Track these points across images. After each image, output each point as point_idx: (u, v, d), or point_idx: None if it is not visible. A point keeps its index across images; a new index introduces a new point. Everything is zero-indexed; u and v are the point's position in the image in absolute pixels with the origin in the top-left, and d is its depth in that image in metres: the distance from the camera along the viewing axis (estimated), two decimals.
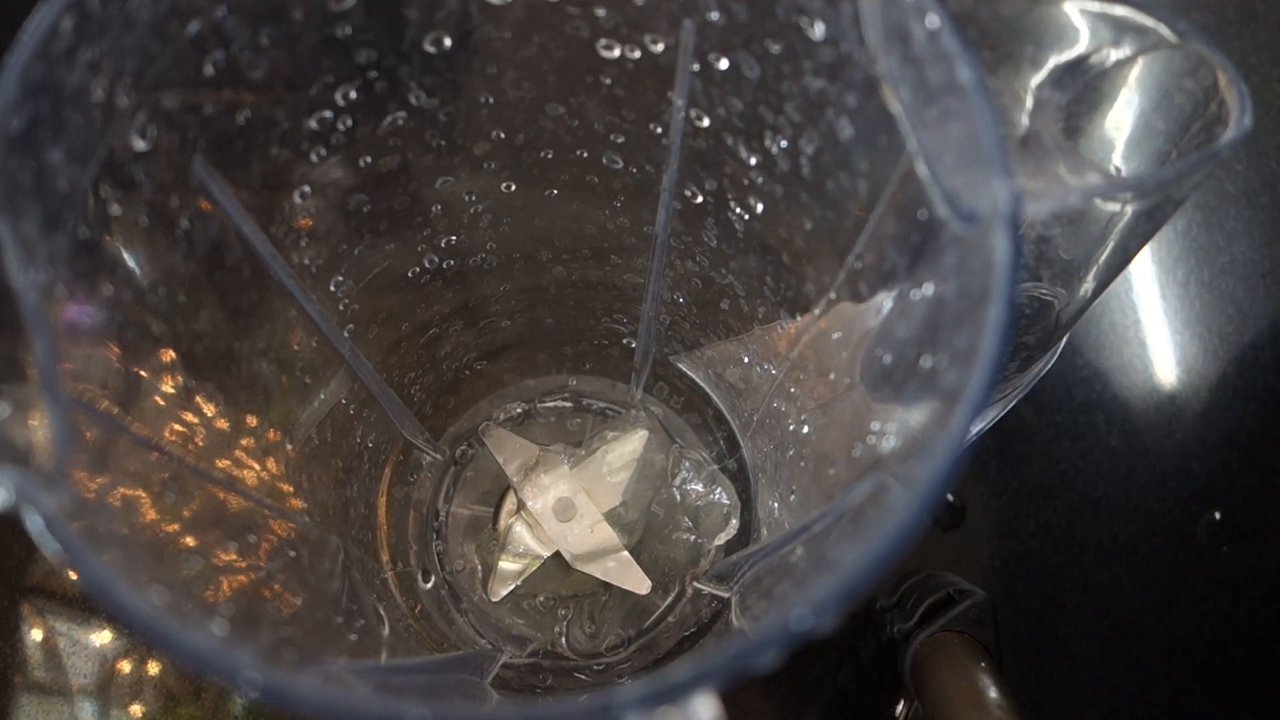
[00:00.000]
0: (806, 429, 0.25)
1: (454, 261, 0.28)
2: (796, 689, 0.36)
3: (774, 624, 0.12)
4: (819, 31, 0.16)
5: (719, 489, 0.33)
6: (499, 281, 0.30)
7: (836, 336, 0.22)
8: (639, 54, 0.20)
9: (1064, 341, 0.26)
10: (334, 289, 0.25)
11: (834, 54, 0.16)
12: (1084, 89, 0.19)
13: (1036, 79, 0.19)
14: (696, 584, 0.33)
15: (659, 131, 0.22)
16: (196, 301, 0.19)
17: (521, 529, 0.33)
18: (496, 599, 0.33)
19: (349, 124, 0.20)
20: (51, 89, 0.14)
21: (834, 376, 0.22)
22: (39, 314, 0.13)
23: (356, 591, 0.26)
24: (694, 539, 0.34)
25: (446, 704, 0.12)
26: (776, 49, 0.18)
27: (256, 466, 0.23)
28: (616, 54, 0.20)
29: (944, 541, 0.37)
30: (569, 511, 0.33)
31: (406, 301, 0.29)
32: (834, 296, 0.21)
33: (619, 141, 0.23)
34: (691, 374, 0.34)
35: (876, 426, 0.18)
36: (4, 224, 0.13)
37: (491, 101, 0.22)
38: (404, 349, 0.30)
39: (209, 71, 0.17)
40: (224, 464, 0.21)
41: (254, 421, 0.23)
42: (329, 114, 0.20)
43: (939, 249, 0.15)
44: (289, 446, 0.24)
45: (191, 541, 0.18)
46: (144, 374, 0.18)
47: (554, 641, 0.33)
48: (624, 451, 0.33)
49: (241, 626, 0.16)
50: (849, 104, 0.17)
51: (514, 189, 0.25)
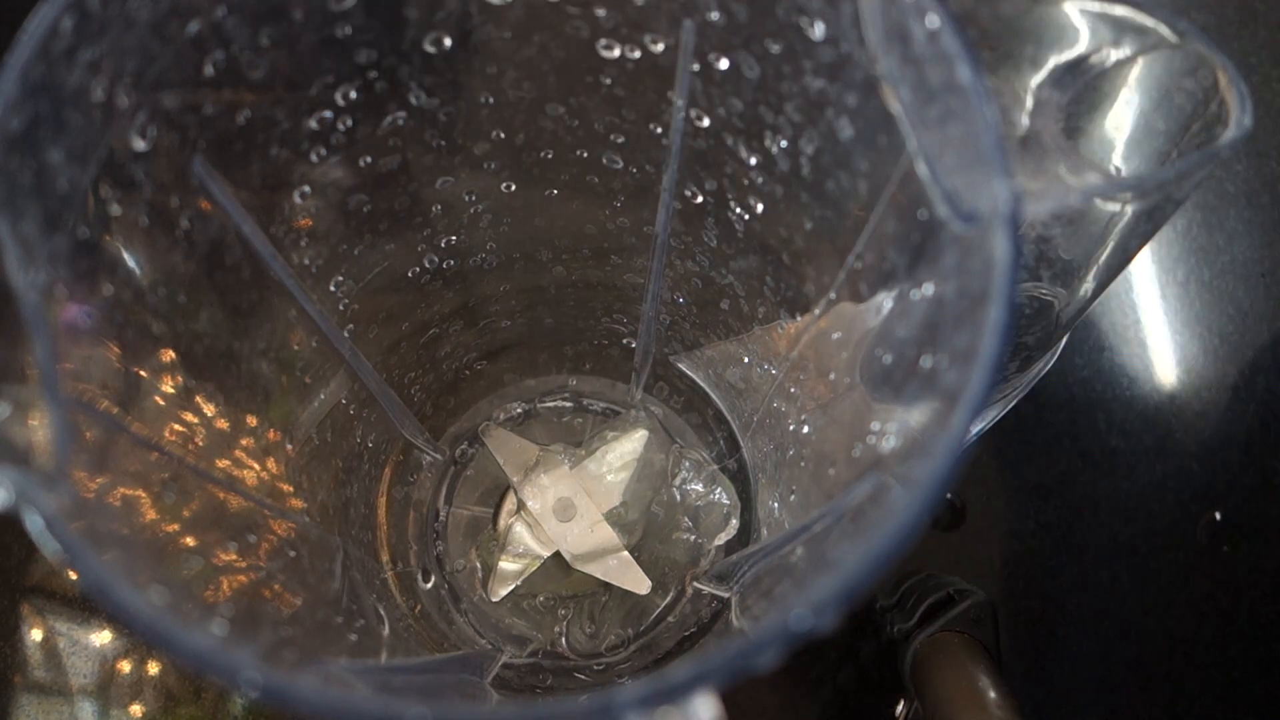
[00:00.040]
0: (806, 429, 0.25)
1: (454, 261, 0.28)
2: (796, 689, 0.36)
3: (774, 624, 0.12)
4: (819, 31, 0.16)
5: (719, 489, 0.33)
6: (499, 281, 0.30)
7: (836, 336, 0.22)
8: (639, 54, 0.20)
9: (1064, 341, 0.26)
10: (334, 289, 0.25)
11: (834, 54, 0.16)
12: (1084, 89, 0.19)
13: (1036, 79, 0.19)
14: (696, 584, 0.33)
15: (659, 131, 0.22)
16: (196, 301, 0.19)
17: (521, 529, 0.33)
18: (496, 599, 0.33)
19: (349, 124, 0.20)
20: (51, 89, 0.14)
21: (834, 376, 0.22)
22: (39, 314, 0.13)
23: (356, 591, 0.26)
24: (694, 539, 0.34)
25: (446, 704, 0.12)
26: (776, 49, 0.18)
27: (256, 466, 0.23)
28: (616, 54, 0.20)
29: (944, 541, 0.37)
30: (569, 511, 0.33)
31: (406, 301, 0.29)
32: (834, 296, 0.21)
33: (619, 141, 0.23)
34: (691, 374, 0.34)
35: (876, 426, 0.18)
36: (4, 224, 0.13)
37: (491, 101, 0.22)
38: (404, 349, 0.30)
39: (209, 71, 0.17)
40: (224, 464, 0.21)
41: (254, 421, 0.23)
42: (329, 114, 0.20)
43: (939, 249, 0.15)
44: (289, 446, 0.24)
45: (191, 541, 0.18)
46: (144, 374, 0.18)
47: (554, 641, 0.33)
48: (624, 451, 0.33)
49: (241, 626, 0.16)
50: (849, 104, 0.17)
51: (514, 189, 0.25)
